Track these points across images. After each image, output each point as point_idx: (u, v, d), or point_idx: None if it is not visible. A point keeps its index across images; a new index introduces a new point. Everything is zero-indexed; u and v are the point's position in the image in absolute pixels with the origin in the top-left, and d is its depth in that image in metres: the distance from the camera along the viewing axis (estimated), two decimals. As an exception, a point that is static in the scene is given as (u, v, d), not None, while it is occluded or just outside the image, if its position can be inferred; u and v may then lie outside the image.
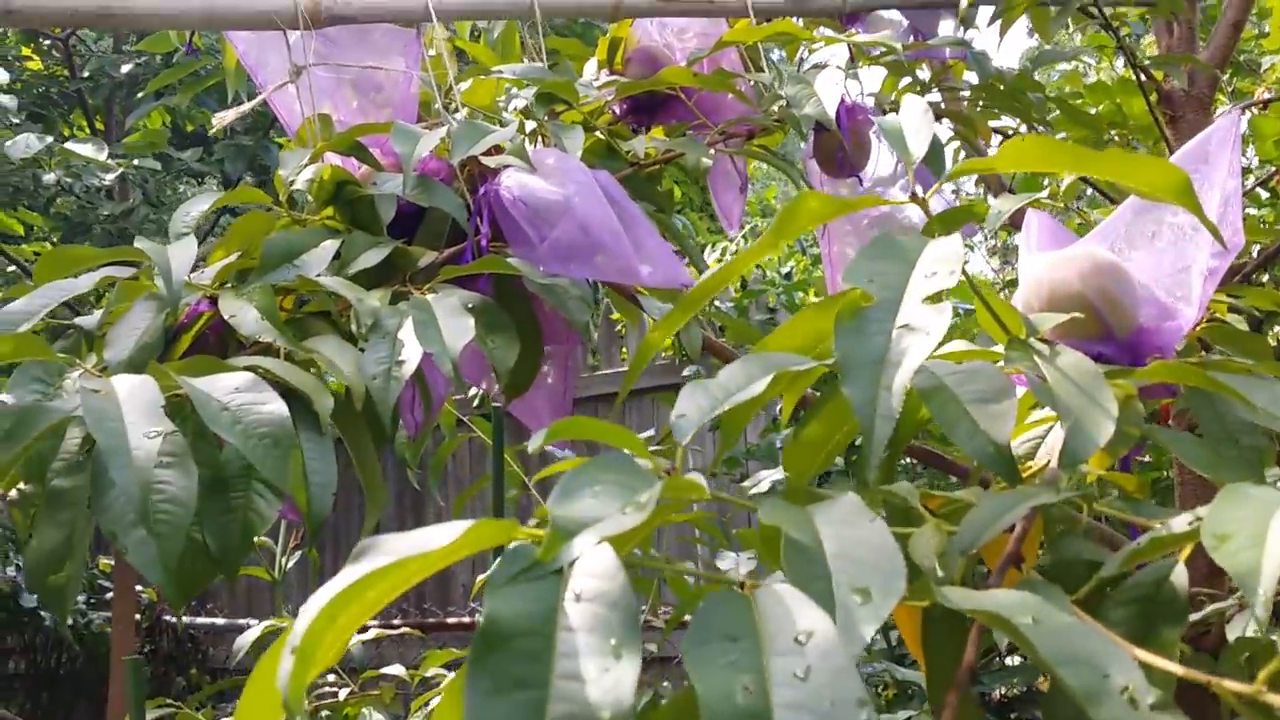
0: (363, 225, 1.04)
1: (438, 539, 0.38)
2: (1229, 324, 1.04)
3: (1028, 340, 0.65)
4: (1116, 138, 1.89)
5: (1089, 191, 1.91)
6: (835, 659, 0.40)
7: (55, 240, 4.17)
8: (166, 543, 0.67)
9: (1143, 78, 1.52)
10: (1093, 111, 1.91)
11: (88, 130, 4.29)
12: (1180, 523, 0.50)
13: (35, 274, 0.97)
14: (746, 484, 1.84)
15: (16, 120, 3.40)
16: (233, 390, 0.73)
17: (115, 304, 0.96)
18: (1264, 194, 2.08)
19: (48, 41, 4.52)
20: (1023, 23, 1.55)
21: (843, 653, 0.40)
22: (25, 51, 4.99)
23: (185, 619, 4.18)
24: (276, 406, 0.73)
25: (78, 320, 0.98)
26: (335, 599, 0.36)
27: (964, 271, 0.61)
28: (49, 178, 3.10)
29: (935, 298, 0.56)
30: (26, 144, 2.94)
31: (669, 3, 1.26)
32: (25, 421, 0.71)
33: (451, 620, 3.67)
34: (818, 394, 0.78)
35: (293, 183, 1.02)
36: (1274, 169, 1.96)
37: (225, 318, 0.90)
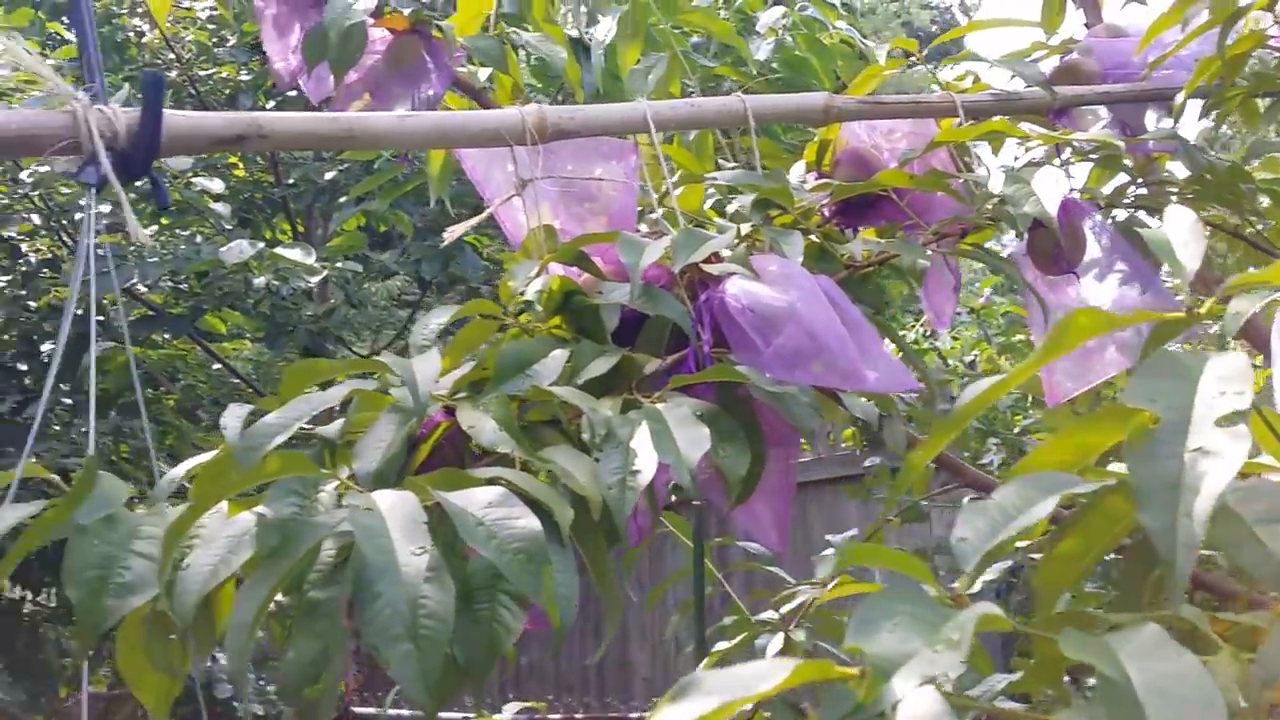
0: (587, 333, 1.06)
1: (765, 680, 0.38)
2: None
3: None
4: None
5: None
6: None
7: (258, 339, 4.39)
8: (428, 657, 0.69)
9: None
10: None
11: (289, 233, 4.54)
12: None
13: (283, 387, 1.02)
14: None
15: (229, 227, 3.62)
16: (486, 505, 0.75)
17: (355, 413, 1.00)
18: None
19: (253, 152, 4.81)
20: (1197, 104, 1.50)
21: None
22: (232, 160, 5.34)
23: (381, 709, 4.25)
24: (529, 521, 0.74)
25: (319, 430, 1.02)
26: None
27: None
28: (259, 281, 3.29)
29: (1228, 418, 0.54)
30: (240, 250, 3.12)
31: (878, 105, 1.26)
32: (293, 537, 0.74)
33: (634, 716, 3.65)
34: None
35: (523, 293, 1.05)
36: None
37: (463, 428, 0.93)
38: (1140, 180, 1.39)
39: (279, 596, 0.85)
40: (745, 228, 1.18)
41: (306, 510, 0.82)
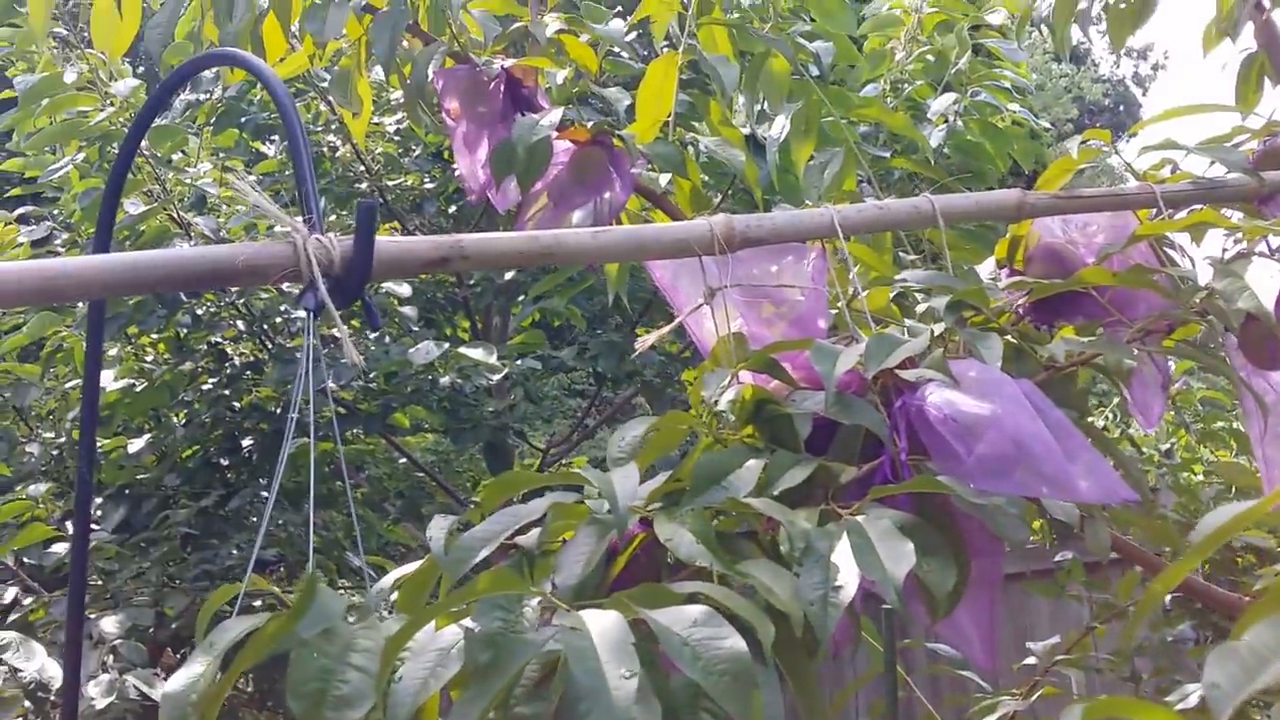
0: (780, 442, 1.06)
1: None
2: None
3: None
4: None
5: None
6: None
7: (439, 431, 4.52)
8: (636, 780, 0.68)
9: None
10: None
11: (469, 331, 4.69)
12: None
13: (483, 499, 1.05)
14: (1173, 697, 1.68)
15: (415, 328, 3.76)
16: (691, 624, 0.74)
17: (552, 523, 1.01)
18: None
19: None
20: None
21: None
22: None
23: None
24: (735, 642, 0.73)
25: (518, 540, 1.04)
26: None
27: None
28: (444, 380, 3.39)
29: None
30: (427, 351, 3.24)
31: (1073, 199, 1.23)
32: (505, 654, 0.74)
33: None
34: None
35: (716, 403, 1.05)
36: None
37: (661, 540, 0.93)
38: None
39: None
40: (937, 328, 1.16)
41: (511, 625, 0.83)
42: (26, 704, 2.31)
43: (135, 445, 3.36)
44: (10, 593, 2.71)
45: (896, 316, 1.27)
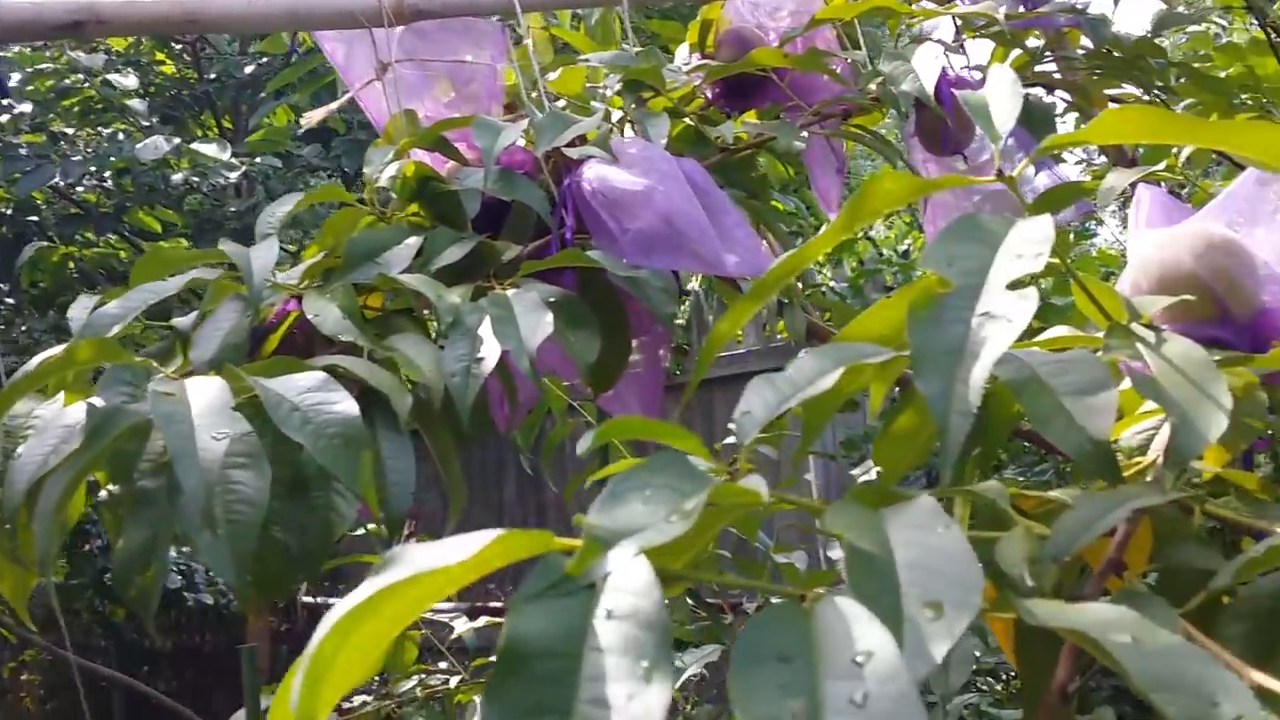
0: (448, 221, 1.03)
1: (459, 552, 0.36)
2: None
3: (1130, 326, 0.60)
4: (1249, 102, 1.78)
5: (1220, 165, 1.80)
6: (896, 684, 0.37)
7: (190, 236, 4.31)
8: (238, 543, 0.67)
9: (1274, 36, 1.42)
10: (1222, 75, 1.80)
11: (217, 131, 4.43)
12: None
13: (132, 276, 0.98)
14: (858, 470, 1.79)
15: (148, 123, 3.52)
16: (304, 390, 0.72)
17: (206, 305, 0.96)
18: None
19: (179, 46, 4.67)
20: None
21: (904, 678, 0.37)
22: (159, 56, 5.17)
23: (320, 599, 4.28)
24: (347, 406, 0.72)
25: (174, 321, 0.99)
26: (346, 616, 0.34)
27: (1059, 253, 0.57)
28: (177, 177, 3.21)
29: (1020, 282, 0.52)
30: (155, 146, 3.04)
31: (758, -19, 1.22)
32: (106, 423, 0.71)
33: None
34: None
35: (377, 179, 1.01)
36: None
37: (308, 316, 0.90)
38: (1047, 55, 1.36)
39: (111, 486, 0.83)
40: (618, 114, 1.14)
41: (136, 399, 0.79)
42: None
43: None
44: None
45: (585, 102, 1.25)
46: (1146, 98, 1.45)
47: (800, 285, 1.50)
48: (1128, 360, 0.59)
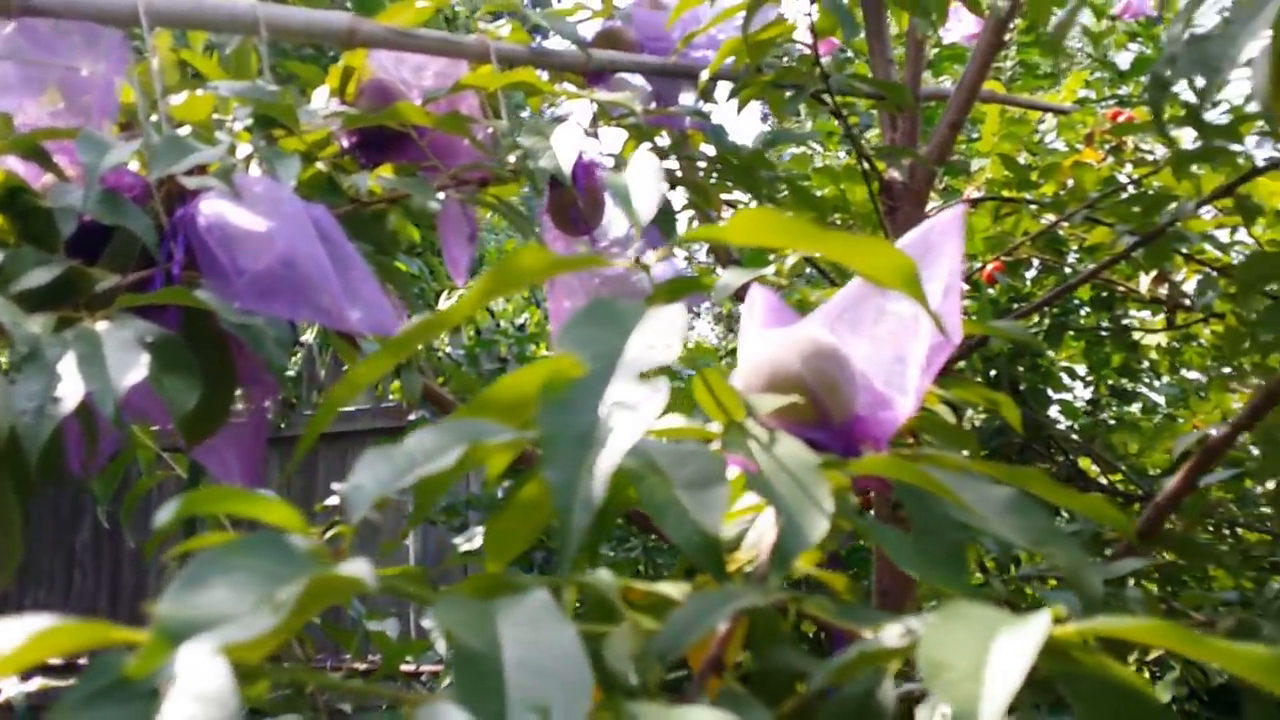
0: (38, 241, 0.92)
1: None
2: (938, 414, 1.06)
3: (745, 425, 0.62)
4: (839, 221, 1.95)
5: (809, 271, 1.96)
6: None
7: None
8: None
9: (866, 166, 1.57)
10: (819, 195, 1.97)
11: None
12: (892, 635, 0.47)
13: None
14: (461, 539, 1.76)
15: None
16: None
17: None
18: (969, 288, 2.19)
19: None
20: (759, 109, 1.58)
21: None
22: None
23: None
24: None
25: None
26: None
27: (691, 348, 0.58)
28: None
29: (652, 373, 0.52)
30: None
31: (407, 37, 1.20)
32: None
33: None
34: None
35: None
36: (981, 264, 2.07)
37: None
38: (674, 155, 1.42)
39: None
40: (247, 148, 1.08)
41: None
42: None
43: None
44: None
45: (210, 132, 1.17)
46: (755, 204, 1.56)
47: (419, 348, 1.47)
48: (739, 456, 0.60)
